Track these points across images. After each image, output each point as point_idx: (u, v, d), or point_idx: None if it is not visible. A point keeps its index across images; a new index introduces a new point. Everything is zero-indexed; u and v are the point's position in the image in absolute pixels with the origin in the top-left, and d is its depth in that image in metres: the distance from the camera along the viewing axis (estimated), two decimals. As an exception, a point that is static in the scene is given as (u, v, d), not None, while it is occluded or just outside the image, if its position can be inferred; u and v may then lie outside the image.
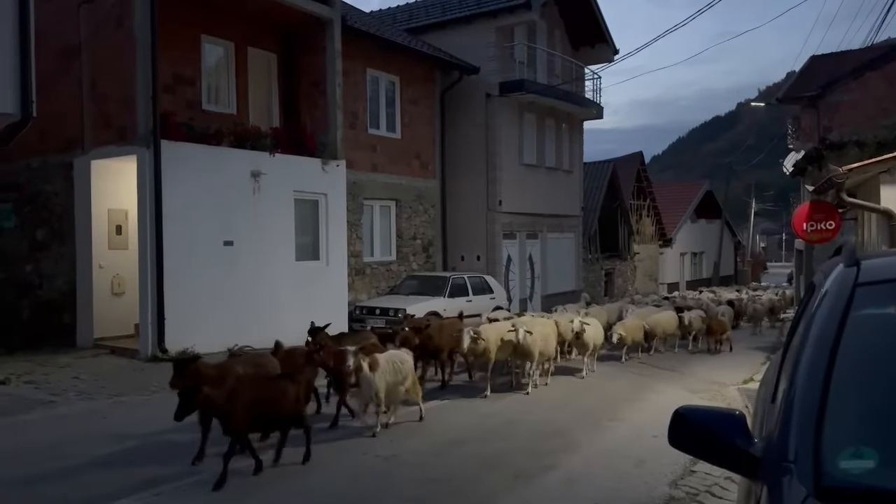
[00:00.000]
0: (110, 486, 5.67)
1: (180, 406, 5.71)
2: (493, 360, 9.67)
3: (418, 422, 7.94)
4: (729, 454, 2.10)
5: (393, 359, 7.54)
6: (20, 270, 13.56)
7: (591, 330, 11.21)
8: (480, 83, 19.04)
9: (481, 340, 9.28)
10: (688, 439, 2.21)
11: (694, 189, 39.39)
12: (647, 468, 6.28)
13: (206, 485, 5.66)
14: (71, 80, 12.55)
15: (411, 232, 18.18)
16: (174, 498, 5.50)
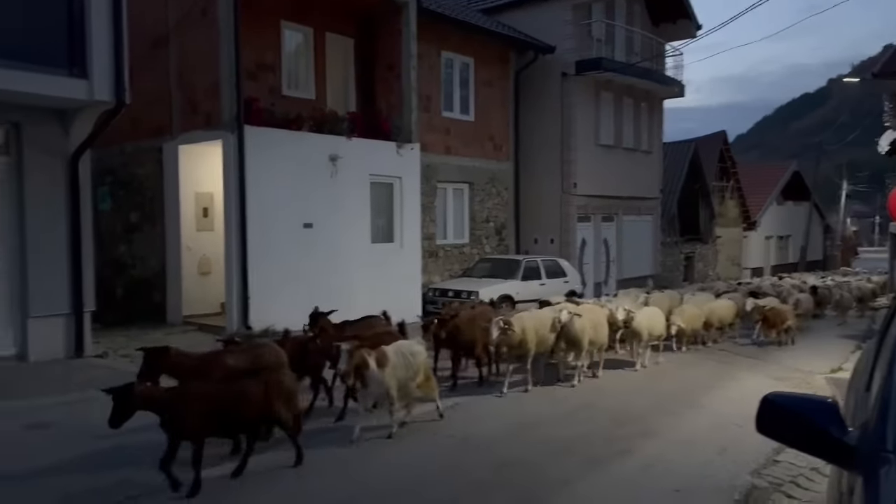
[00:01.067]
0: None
1: (116, 409, 4.76)
2: (531, 351, 8.64)
3: (439, 420, 7.23)
4: (821, 442, 2.03)
5: (402, 350, 6.74)
6: (115, 250, 14.33)
7: (644, 318, 10.27)
8: (556, 62, 18.74)
9: (512, 331, 8.24)
10: (776, 426, 2.15)
11: (781, 169, 37.68)
12: (728, 456, 6.13)
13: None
14: (160, 68, 13.10)
15: (484, 215, 18.16)
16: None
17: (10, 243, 9.06)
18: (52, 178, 9.23)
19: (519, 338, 8.38)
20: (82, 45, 8.60)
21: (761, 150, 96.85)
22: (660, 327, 10.67)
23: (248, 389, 5.34)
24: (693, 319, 11.79)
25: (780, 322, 12.82)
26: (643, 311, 10.67)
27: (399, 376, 6.56)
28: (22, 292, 9.07)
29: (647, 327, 10.23)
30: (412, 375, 6.74)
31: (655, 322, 10.55)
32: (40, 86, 8.31)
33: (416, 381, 6.82)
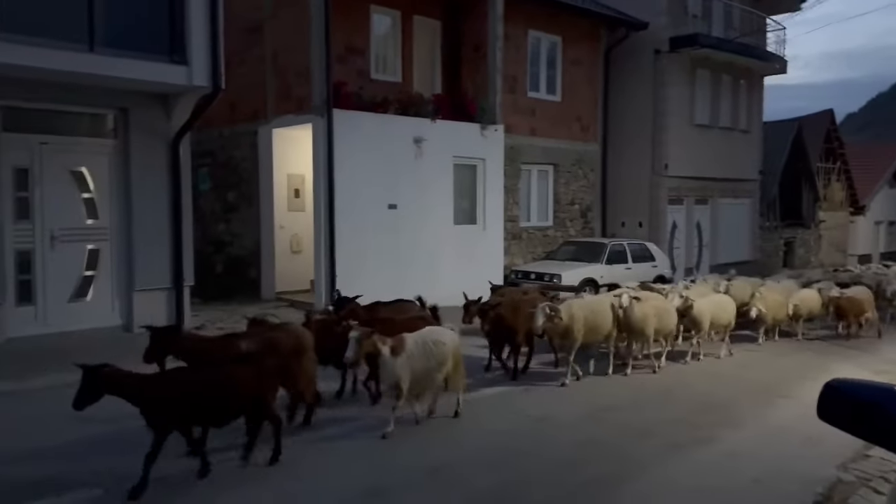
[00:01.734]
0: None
1: (82, 390, 4.39)
2: (578, 341, 8.12)
3: (454, 417, 6.59)
4: (886, 430, 1.95)
5: (426, 339, 6.22)
6: (215, 229, 15.10)
7: (707, 306, 9.60)
8: (649, 39, 18.15)
9: (559, 318, 7.75)
10: (840, 412, 2.08)
11: (893, 150, 35.04)
12: (815, 448, 5.88)
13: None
14: (256, 54, 13.63)
15: (569, 197, 17.92)
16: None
17: (118, 221, 9.75)
18: (156, 160, 9.83)
19: (565, 325, 7.92)
20: (182, 34, 9.09)
21: (874, 129, 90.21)
22: (726, 317, 10.00)
23: (234, 376, 4.91)
24: (776, 307, 11.10)
25: (855, 313, 11.80)
26: (708, 298, 10.07)
27: (416, 366, 6.03)
28: (128, 267, 9.76)
29: (711, 316, 9.61)
30: (435, 366, 6.19)
31: (721, 311, 9.88)
32: (144, 72, 8.85)
33: (441, 371, 6.29)
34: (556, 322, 7.79)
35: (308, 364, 5.97)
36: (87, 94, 9.05)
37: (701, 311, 9.39)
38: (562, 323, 7.86)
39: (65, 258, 9.35)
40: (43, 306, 9.19)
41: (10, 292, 8.87)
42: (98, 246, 9.69)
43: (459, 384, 6.65)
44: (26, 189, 9.04)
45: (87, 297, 9.62)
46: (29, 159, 9.03)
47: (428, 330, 6.49)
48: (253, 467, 5.16)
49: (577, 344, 8.16)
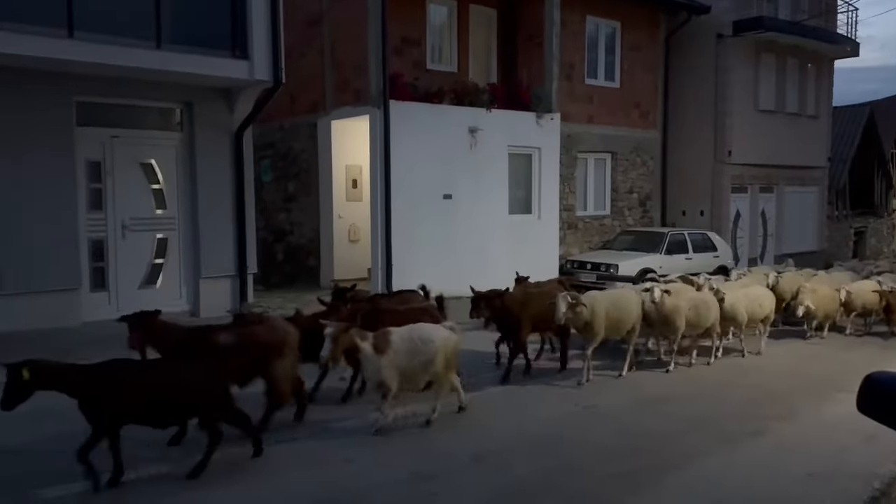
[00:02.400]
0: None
1: (7, 389, 4.09)
2: (599, 335, 7.67)
3: (457, 412, 6.35)
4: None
5: (413, 335, 5.78)
6: (276, 218, 15.55)
7: (742, 299, 9.03)
8: (711, 23, 17.66)
9: (582, 306, 7.36)
10: (879, 406, 2.09)
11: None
12: (875, 444, 5.72)
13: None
14: (315, 47, 13.92)
15: (627, 185, 17.66)
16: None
17: (185, 210, 10.20)
18: (219, 152, 10.23)
19: (586, 318, 7.48)
20: (244, 29, 9.42)
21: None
22: (762, 311, 9.42)
23: (179, 375, 4.70)
24: (826, 301, 10.47)
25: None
26: (743, 292, 9.47)
27: (401, 364, 5.62)
28: (195, 255, 10.20)
29: (747, 309, 9.05)
30: (418, 365, 5.74)
31: (758, 304, 9.32)
32: (208, 67, 9.23)
33: (426, 372, 5.82)
34: (579, 312, 7.36)
35: (286, 362, 5.61)
36: (154, 89, 9.49)
37: (735, 305, 8.86)
38: (583, 315, 7.44)
39: (135, 246, 9.87)
40: (115, 292, 9.72)
41: (85, 279, 9.42)
42: (166, 235, 10.16)
43: (444, 387, 6.03)
44: (99, 181, 9.56)
45: (157, 284, 10.12)
46: (101, 152, 9.55)
47: (417, 326, 5.98)
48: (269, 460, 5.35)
49: (599, 338, 7.71)
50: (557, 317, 7.18)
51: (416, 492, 4.82)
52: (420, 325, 6.04)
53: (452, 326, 6.15)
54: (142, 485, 4.71)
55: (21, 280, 8.66)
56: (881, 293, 10.80)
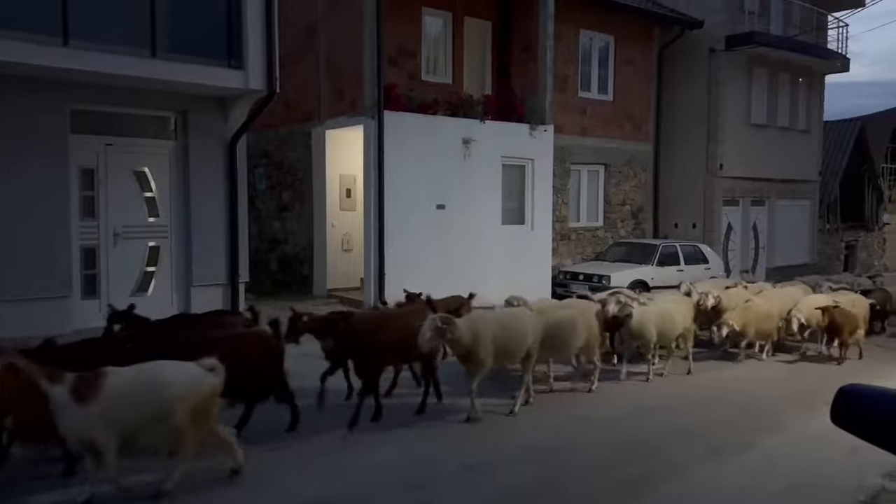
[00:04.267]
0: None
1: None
2: (484, 365, 6.56)
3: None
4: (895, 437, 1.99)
5: (141, 379, 4.46)
6: (269, 227, 15.56)
7: (654, 317, 8.47)
8: (704, 38, 17.83)
9: (452, 334, 6.11)
10: (852, 419, 2.12)
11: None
12: (860, 456, 5.72)
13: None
14: (311, 56, 13.99)
15: (620, 197, 17.76)
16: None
17: (177, 218, 10.21)
18: (213, 160, 10.26)
19: (467, 345, 6.33)
20: (239, 39, 9.47)
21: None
22: (677, 328, 8.86)
23: None
24: (759, 318, 9.73)
25: (848, 329, 9.98)
26: (657, 307, 8.85)
27: (119, 417, 4.27)
28: (186, 264, 10.21)
29: (658, 327, 8.46)
30: (151, 418, 4.40)
31: (670, 321, 8.71)
32: (203, 76, 9.27)
33: (165, 425, 4.44)
34: (459, 338, 6.18)
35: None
36: (149, 97, 9.52)
37: (642, 323, 8.24)
38: (463, 341, 6.26)
39: (127, 254, 9.86)
40: (106, 300, 9.66)
41: (76, 286, 9.40)
42: (158, 243, 10.17)
43: (187, 449, 4.60)
44: (92, 188, 9.57)
45: (148, 292, 10.10)
46: (94, 160, 9.56)
47: (151, 365, 4.59)
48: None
49: (484, 369, 6.60)
50: (421, 343, 5.93)
51: (409, 499, 4.84)
52: (156, 364, 4.61)
53: (213, 365, 4.69)
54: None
55: (11, 287, 8.63)
56: (824, 309, 9.97)
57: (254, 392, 5.64)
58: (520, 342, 6.92)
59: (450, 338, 6.14)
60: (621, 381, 8.44)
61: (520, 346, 6.94)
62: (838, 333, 9.93)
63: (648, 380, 8.49)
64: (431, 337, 5.98)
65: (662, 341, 8.75)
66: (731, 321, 9.26)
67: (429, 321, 6.02)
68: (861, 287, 13.27)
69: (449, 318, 6.20)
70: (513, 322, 7.05)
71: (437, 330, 6.00)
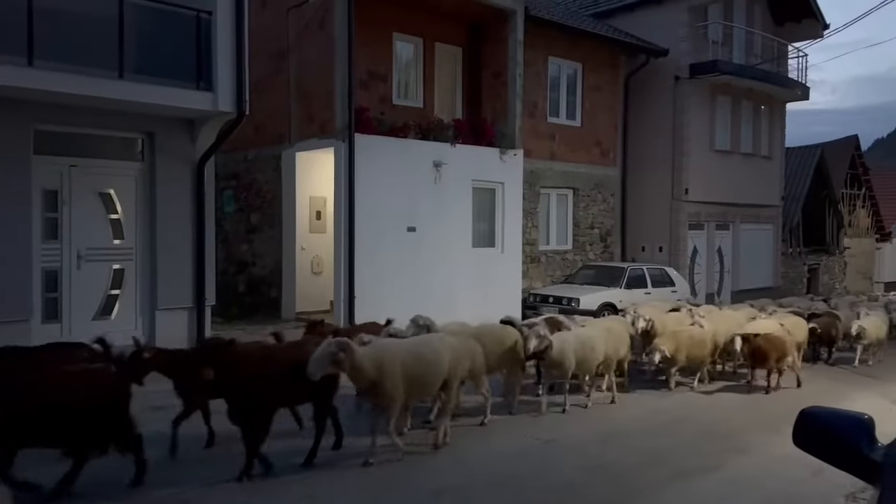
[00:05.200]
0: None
1: None
2: (395, 401, 5.87)
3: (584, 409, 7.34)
4: (851, 457, 2.04)
5: None
6: (238, 249, 15.39)
7: (573, 345, 7.91)
8: (669, 66, 18.26)
9: (343, 363, 5.40)
10: (811, 440, 2.18)
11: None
12: (824, 477, 5.82)
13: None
14: (282, 79, 13.98)
15: (589, 221, 17.97)
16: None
17: (143, 241, 10.05)
18: (181, 182, 10.14)
19: (369, 376, 5.60)
20: (208, 61, 9.44)
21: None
22: (597, 355, 8.29)
23: None
24: (691, 345, 9.32)
25: (775, 356, 9.39)
26: (576, 334, 8.28)
27: None
28: (151, 286, 10.03)
29: (577, 355, 7.93)
30: None
31: (589, 350, 8.15)
32: (171, 98, 9.20)
33: None
34: (353, 368, 5.47)
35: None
36: (115, 118, 9.41)
37: (562, 351, 7.68)
38: (363, 372, 5.55)
39: (91, 277, 9.66)
40: (68, 324, 9.48)
41: (36, 310, 9.17)
42: (123, 265, 9.99)
43: None
44: (55, 210, 9.38)
45: (112, 316, 9.91)
46: (58, 181, 9.39)
47: None
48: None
49: (396, 405, 5.92)
50: (310, 371, 5.28)
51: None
52: None
53: None
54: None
55: (-31, 310, 8.39)
56: (745, 338, 9.31)
57: (87, 441, 4.89)
58: (436, 372, 6.20)
59: (348, 366, 5.41)
60: (588, 407, 8.36)
61: (435, 378, 6.21)
62: (763, 362, 9.36)
63: (565, 411, 7.95)
64: (322, 364, 5.24)
65: (582, 370, 8.16)
66: (663, 346, 8.88)
67: (323, 346, 5.36)
68: (812, 310, 13.09)
69: (346, 343, 5.45)
70: (426, 351, 6.25)
71: (331, 356, 5.28)
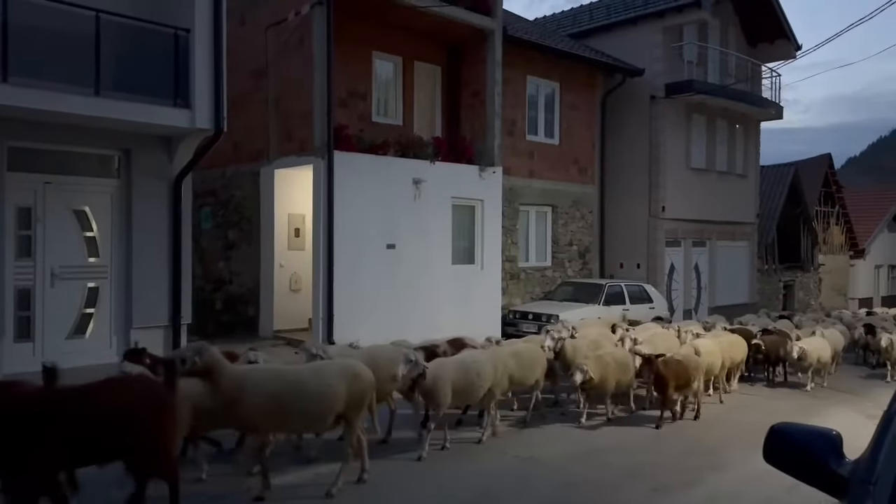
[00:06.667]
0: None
1: None
2: (260, 432, 5.45)
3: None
4: (819, 473, 2.07)
5: None
6: (215, 267, 15.27)
7: (443, 370, 6.85)
8: (645, 85, 18.54)
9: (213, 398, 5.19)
10: (781, 456, 2.20)
11: (892, 194, 35.27)
12: (799, 493, 5.86)
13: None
14: (260, 97, 13.97)
15: (567, 238, 18.09)
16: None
17: (118, 259, 9.93)
18: (157, 199, 10.05)
19: (241, 413, 5.15)
20: (186, 78, 9.39)
21: (877, 173, 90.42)
22: (478, 385, 7.21)
23: None
24: (612, 369, 8.39)
25: (676, 384, 8.44)
26: (450, 360, 7.37)
27: None
28: (126, 305, 9.90)
29: (455, 384, 6.90)
30: None
31: (473, 376, 7.13)
32: (148, 115, 9.13)
33: None
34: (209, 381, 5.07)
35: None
36: (91, 135, 9.32)
37: (435, 378, 6.67)
38: (222, 392, 5.09)
39: (64, 295, 9.51)
40: (41, 343, 9.32)
41: (9, 328, 9.01)
42: (98, 283, 9.85)
43: None
44: (29, 227, 9.25)
45: (86, 335, 9.76)
46: (32, 198, 9.26)
47: None
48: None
49: (263, 436, 5.52)
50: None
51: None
52: None
53: None
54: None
55: (-62, 330, 8.22)
56: (646, 359, 8.39)
57: None
58: (311, 407, 5.46)
59: (202, 368, 5.08)
60: (576, 424, 8.35)
61: (311, 412, 5.49)
62: (662, 389, 8.37)
63: (444, 448, 7.02)
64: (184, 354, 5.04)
65: (461, 400, 7.25)
66: (585, 365, 7.99)
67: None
68: (767, 328, 12.95)
69: (206, 345, 5.18)
70: (295, 380, 5.50)
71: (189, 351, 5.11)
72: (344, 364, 6.00)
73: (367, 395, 5.89)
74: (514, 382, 7.99)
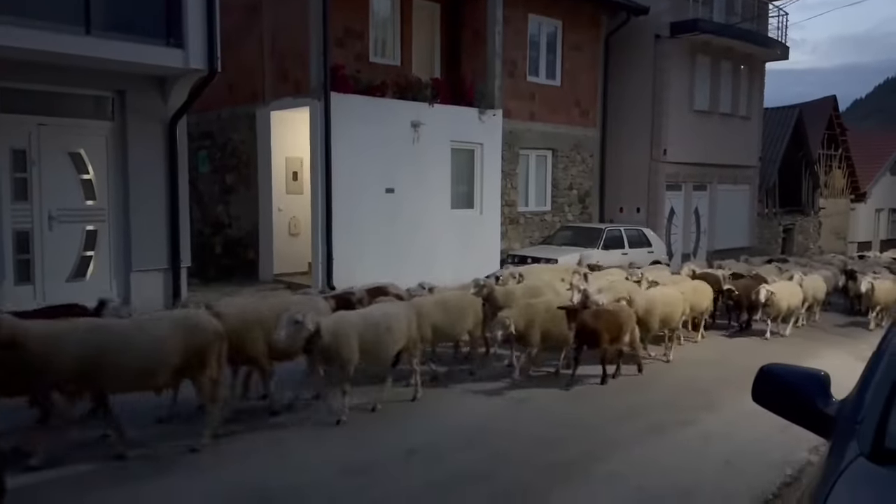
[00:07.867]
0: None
1: None
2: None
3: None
4: (807, 412, 2.10)
5: None
6: (213, 210, 15.23)
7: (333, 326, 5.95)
8: (649, 24, 18.11)
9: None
10: (770, 395, 2.23)
11: (895, 137, 34.88)
12: (791, 433, 5.89)
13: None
14: (255, 37, 13.66)
15: (567, 182, 17.97)
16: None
17: (116, 202, 9.88)
18: (153, 142, 9.94)
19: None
20: (179, 17, 9.15)
21: (881, 116, 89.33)
22: (389, 341, 6.41)
23: None
24: (538, 320, 7.46)
25: (603, 337, 7.50)
26: (354, 313, 6.61)
27: None
28: (125, 248, 9.90)
29: (360, 341, 6.13)
30: None
31: (384, 332, 6.36)
32: (141, 55, 8.94)
33: None
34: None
35: None
36: (84, 76, 9.15)
37: (336, 336, 5.92)
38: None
39: (63, 238, 9.51)
40: (41, 285, 9.36)
41: (9, 271, 9.04)
42: (96, 227, 9.83)
43: None
44: (24, 170, 9.17)
45: (86, 277, 9.79)
46: (26, 140, 9.16)
47: None
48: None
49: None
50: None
51: (347, 485, 4.85)
52: None
53: None
54: (68, 482, 4.60)
55: (-62, 273, 8.26)
56: (569, 311, 7.30)
57: None
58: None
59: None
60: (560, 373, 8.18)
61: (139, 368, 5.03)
62: (595, 342, 7.50)
63: (339, 422, 6.00)
64: None
65: (371, 359, 6.39)
66: (509, 320, 7.14)
67: None
68: (739, 272, 12.64)
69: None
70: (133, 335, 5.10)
71: None
72: (184, 315, 5.55)
73: (212, 350, 5.29)
74: (439, 334, 7.32)
